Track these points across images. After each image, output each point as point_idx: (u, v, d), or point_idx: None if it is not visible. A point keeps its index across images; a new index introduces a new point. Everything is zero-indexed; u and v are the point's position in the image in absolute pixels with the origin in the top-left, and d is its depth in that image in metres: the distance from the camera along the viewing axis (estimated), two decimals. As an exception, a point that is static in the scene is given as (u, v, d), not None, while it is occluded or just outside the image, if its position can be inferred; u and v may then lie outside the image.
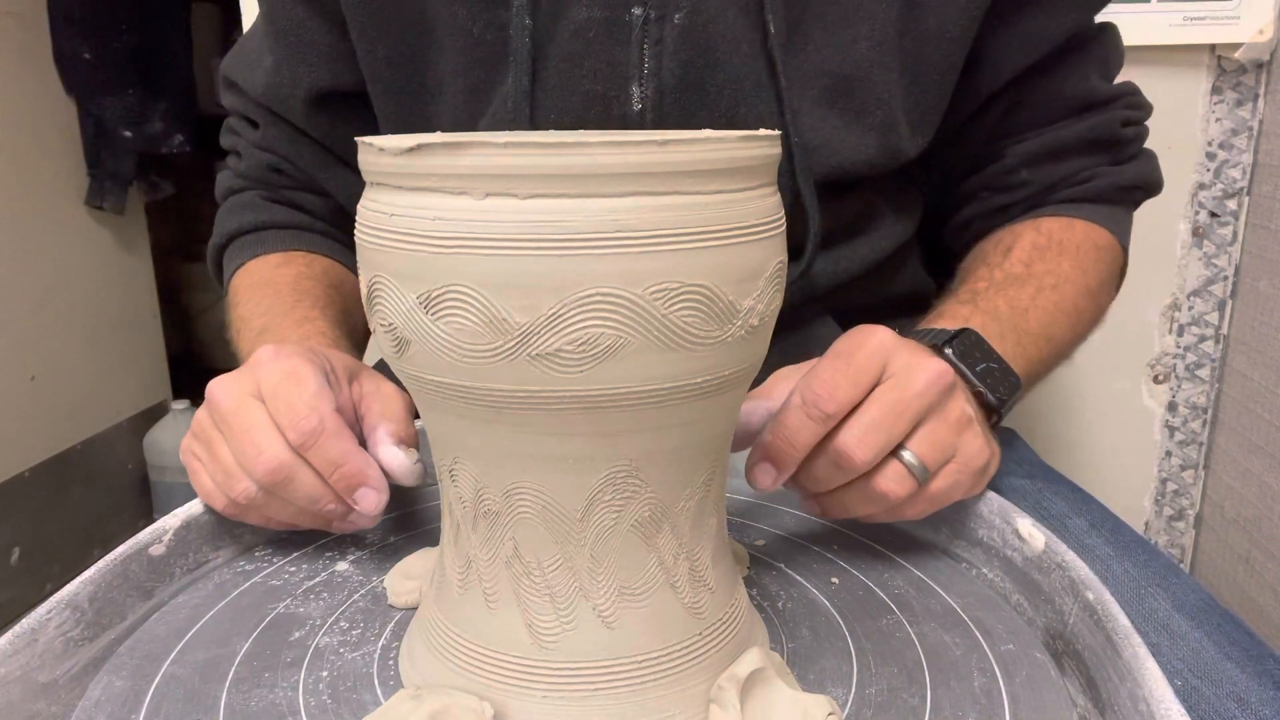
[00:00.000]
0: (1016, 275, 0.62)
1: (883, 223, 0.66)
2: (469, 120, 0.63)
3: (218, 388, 0.46)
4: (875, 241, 0.66)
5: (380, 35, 0.63)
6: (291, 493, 0.44)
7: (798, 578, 0.47)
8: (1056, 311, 0.61)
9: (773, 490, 0.44)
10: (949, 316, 0.57)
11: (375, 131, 0.68)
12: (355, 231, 0.35)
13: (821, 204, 0.60)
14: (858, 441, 0.43)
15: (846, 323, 0.65)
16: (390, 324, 0.34)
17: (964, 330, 0.52)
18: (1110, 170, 0.68)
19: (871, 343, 0.44)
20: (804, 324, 0.65)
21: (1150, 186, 0.71)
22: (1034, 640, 0.42)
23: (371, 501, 0.45)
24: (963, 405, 0.45)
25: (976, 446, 0.45)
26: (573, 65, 0.59)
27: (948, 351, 0.50)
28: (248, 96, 0.70)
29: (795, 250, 0.58)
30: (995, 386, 0.50)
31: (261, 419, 0.44)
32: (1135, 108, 0.69)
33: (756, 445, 0.44)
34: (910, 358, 0.44)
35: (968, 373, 0.50)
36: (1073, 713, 0.37)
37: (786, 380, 0.48)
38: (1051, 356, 0.61)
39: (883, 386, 0.43)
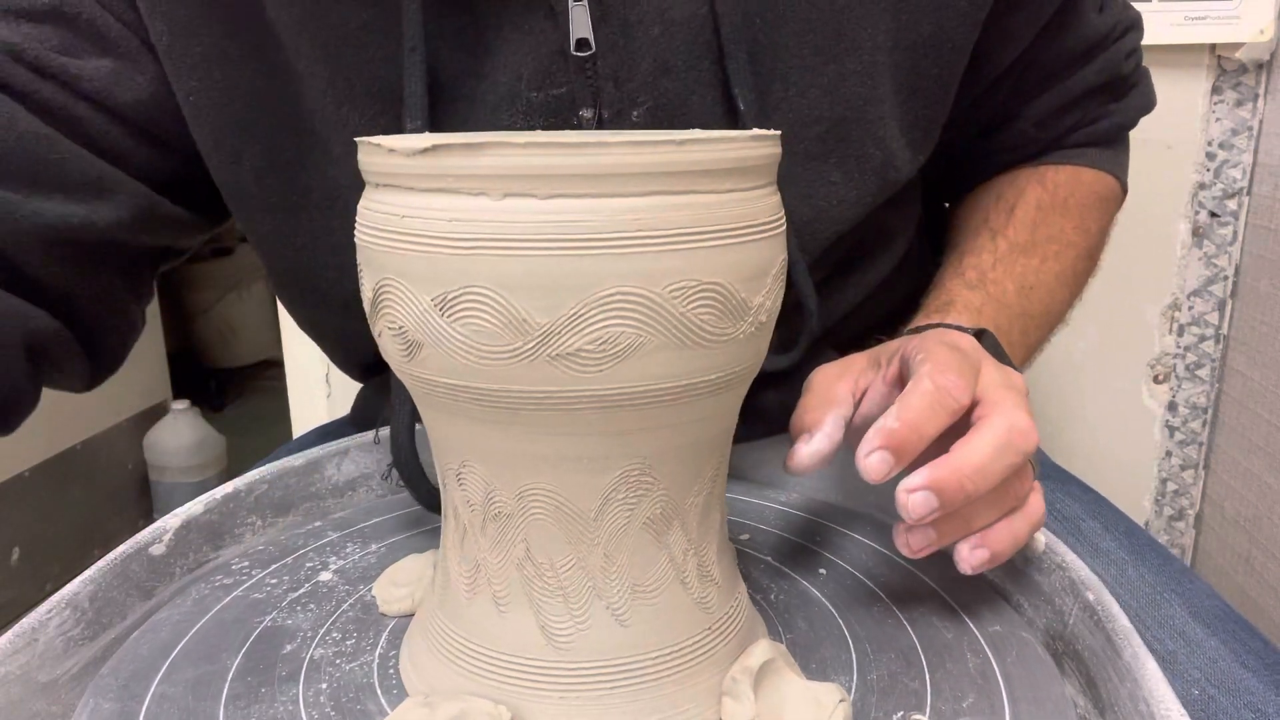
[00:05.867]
0: (1022, 244, 0.61)
1: (879, 245, 0.62)
2: None
3: None
4: (872, 267, 0.62)
5: (245, 142, 0.54)
6: None
7: (786, 570, 0.47)
8: (1058, 284, 0.61)
9: (882, 482, 0.39)
10: (960, 305, 0.56)
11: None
12: (356, 234, 0.35)
13: (813, 262, 0.56)
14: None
15: (846, 349, 0.62)
16: (400, 327, 0.33)
17: (983, 333, 0.50)
18: (1114, 109, 0.67)
19: (966, 343, 0.44)
20: (798, 373, 0.64)
21: (1148, 108, 0.70)
22: (1018, 620, 0.43)
23: None
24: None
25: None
26: None
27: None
28: None
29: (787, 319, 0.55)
30: None
31: None
32: (1129, 30, 0.66)
33: (873, 434, 0.39)
34: (1000, 375, 0.42)
35: None
36: (1064, 688, 0.38)
37: (842, 379, 0.46)
38: (1049, 333, 0.61)
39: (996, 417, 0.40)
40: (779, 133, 0.35)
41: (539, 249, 0.31)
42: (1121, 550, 0.57)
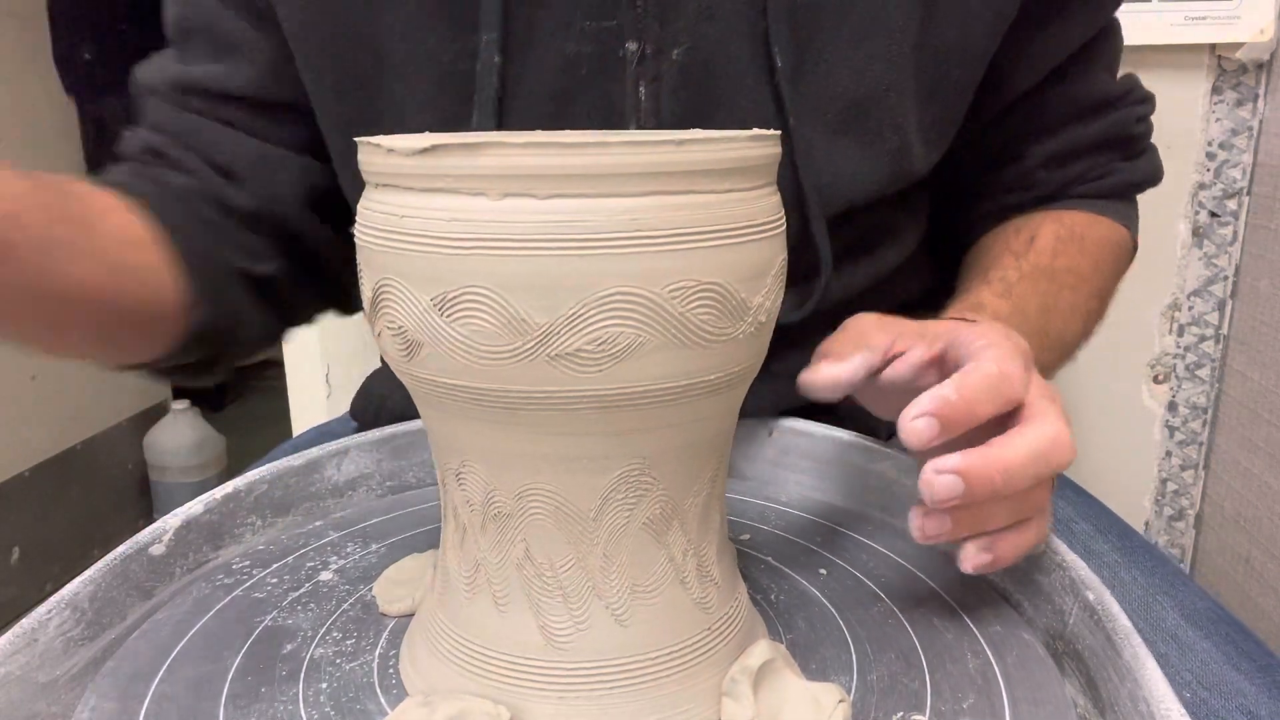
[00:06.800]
0: (1044, 269, 0.62)
1: (890, 238, 0.64)
2: None
3: None
4: (882, 256, 0.63)
5: (327, 60, 0.59)
6: None
7: (787, 570, 0.47)
8: (1072, 314, 0.61)
9: (922, 448, 0.38)
10: (991, 311, 0.56)
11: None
12: (356, 234, 0.35)
13: (829, 232, 0.58)
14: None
15: None
16: (400, 327, 0.33)
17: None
18: (1123, 166, 0.68)
19: (1024, 343, 0.43)
20: (810, 341, 0.65)
21: (1156, 179, 0.71)
22: (1018, 620, 0.43)
23: None
24: None
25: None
26: (566, 103, 0.57)
27: None
28: (149, 89, 0.65)
29: (804, 281, 0.57)
30: None
31: None
32: (1143, 101, 0.69)
33: (926, 399, 0.38)
34: (1045, 386, 0.42)
35: None
36: (1064, 688, 0.38)
37: (882, 330, 0.45)
38: (1062, 361, 0.61)
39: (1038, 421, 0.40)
40: (778, 133, 0.35)
41: (538, 249, 0.31)
42: (1115, 552, 0.57)
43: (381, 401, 0.71)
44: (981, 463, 0.37)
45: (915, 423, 0.37)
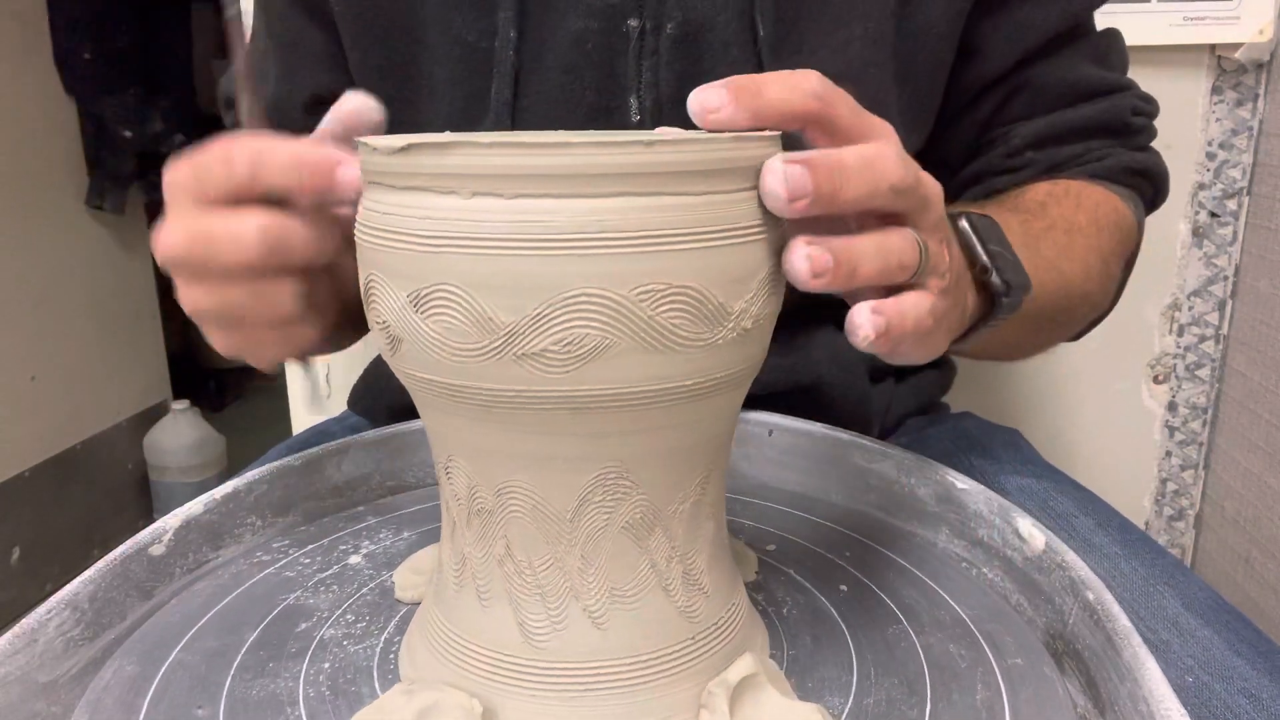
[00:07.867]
0: (1031, 209, 0.61)
1: None
2: (464, 125, 0.63)
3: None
4: None
5: (372, 44, 0.63)
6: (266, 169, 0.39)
7: (806, 584, 0.46)
8: (1067, 253, 0.59)
9: (701, 116, 0.34)
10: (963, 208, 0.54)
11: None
12: (355, 231, 0.36)
13: None
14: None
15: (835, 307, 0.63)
16: (384, 322, 0.34)
17: (985, 215, 0.47)
18: (1123, 152, 0.67)
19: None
20: (803, 329, 0.65)
21: (1160, 181, 0.69)
22: (1044, 656, 0.41)
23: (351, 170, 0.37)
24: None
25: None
26: (574, 77, 0.59)
27: (963, 223, 0.46)
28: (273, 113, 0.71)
29: None
30: (1004, 270, 0.46)
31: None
32: (1144, 100, 0.68)
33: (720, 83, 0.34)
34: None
35: (978, 247, 0.45)
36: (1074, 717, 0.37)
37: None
38: (1057, 295, 0.57)
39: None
40: (776, 133, 0.35)
41: (504, 248, 0.31)
42: (1115, 545, 0.57)
43: (379, 391, 0.72)
44: (820, 157, 0.34)
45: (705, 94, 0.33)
